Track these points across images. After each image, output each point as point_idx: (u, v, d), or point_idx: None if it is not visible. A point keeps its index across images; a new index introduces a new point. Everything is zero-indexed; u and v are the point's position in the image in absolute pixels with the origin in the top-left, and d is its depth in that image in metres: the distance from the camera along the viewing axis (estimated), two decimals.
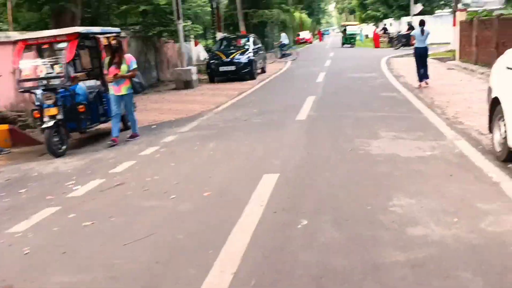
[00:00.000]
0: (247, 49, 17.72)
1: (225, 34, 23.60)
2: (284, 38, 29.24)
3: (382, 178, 4.82)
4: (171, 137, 7.81)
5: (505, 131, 4.97)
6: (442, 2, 37.30)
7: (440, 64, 18.54)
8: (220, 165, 5.84)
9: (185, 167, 5.91)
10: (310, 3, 73.88)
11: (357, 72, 16.61)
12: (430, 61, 19.48)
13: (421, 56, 12.35)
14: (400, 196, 4.25)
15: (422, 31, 12.33)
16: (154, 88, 16.75)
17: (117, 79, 7.62)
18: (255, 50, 18.22)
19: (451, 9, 37.40)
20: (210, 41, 28.33)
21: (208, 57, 17.98)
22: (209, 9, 22.47)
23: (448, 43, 28.21)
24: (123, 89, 7.75)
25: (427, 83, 12.18)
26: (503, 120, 5.10)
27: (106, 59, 7.93)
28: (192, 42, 22.43)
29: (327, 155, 5.86)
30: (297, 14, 61.20)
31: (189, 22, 19.02)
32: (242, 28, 28.71)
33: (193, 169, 5.79)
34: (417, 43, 12.51)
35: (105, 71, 8.03)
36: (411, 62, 14.86)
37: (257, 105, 10.68)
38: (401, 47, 29.31)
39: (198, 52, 24.04)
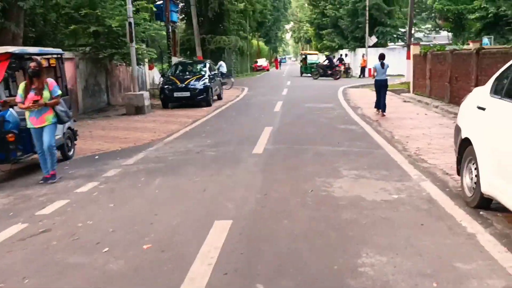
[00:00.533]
0: (203, 75, 17.18)
1: (180, 59, 23.05)
2: (222, 67, 28.63)
3: (347, 228, 4.29)
4: (114, 171, 7.03)
5: (477, 175, 4.61)
6: (395, 36, 38.46)
7: (396, 96, 18.68)
8: (166, 207, 5.14)
9: (125, 209, 5.17)
10: (267, 31, 74.95)
11: (314, 102, 16.39)
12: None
13: (381, 87, 12.89)
14: (370, 251, 3.71)
15: (382, 64, 12.87)
16: (103, 112, 15.83)
17: (39, 107, 6.48)
18: (212, 76, 17.73)
19: (403, 43, 38.70)
20: (166, 65, 27.67)
21: (161, 82, 17.29)
22: (164, 33, 21.84)
23: (402, 75, 28.91)
24: (46, 119, 6.59)
25: (384, 115, 12.57)
26: (474, 163, 4.74)
27: (22, 85, 6.71)
28: (147, 66, 21.69)
29: (286, 197, 5.29)
30: (254, 41, 61.75)
31: (144, 45, 18.33)
32: (199, 53, 28.26)
33: (134, 212, 5.05)
34: (377, 76, 13.05)
35: (17, 99, 6.69)
36: (367, 93, 14.93)
37: (211, 135, 10.07)
38: (320, 77, 31.95)
39: (153, 76, 23.31)
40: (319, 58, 39.64)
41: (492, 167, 4.34)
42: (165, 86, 16.66)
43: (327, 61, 33.36)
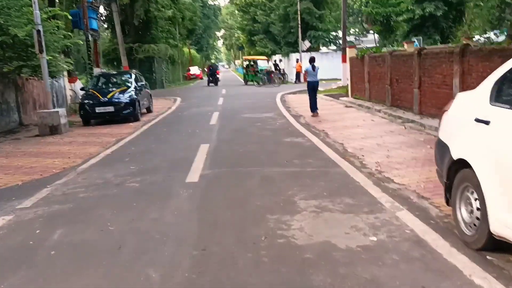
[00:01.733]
0: (129, 87, 15.44)
1: (103, 70, 21.02)
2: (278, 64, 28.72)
3: None
4: (2, 220, 5.31)
5: (481, 209, 3.51)
6: (327, 40, 38.39)
7: (335, 101, 17.96)
8: (62, 283, 3.59)
9: None
10: (198, 38, 73.47)
11: (253, 112, 15.18)
12: (324, 98, 19.00)
13: (313, 88, 13.69)
14: None
15: (313, 67, 13.67)
16: (12, 134, 13.64)
17: None
18: (139, 87, 16.00)
19: (336, 46, 38.78)
20: (89, 77, 25.37)
21: (81, 97, 15.32)
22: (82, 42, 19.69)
23: (338, 79, 28.54)
24: None
25: (317, 114, 13.53)
26: (474, 193, 3.64)
27: None
28: (65, 79, 19.48)
29: (232, 253, 3.89)
30: (186, 49, 59.97)
31: (60, 56, 16.25)
32: (125, 64, 26.22)
33: None
34: (309, 77, 13.91)
35: None
36: (306, 99, 13.99)
37: (137, 159, 8.48)
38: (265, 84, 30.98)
39: (77, 90, 20.85)
40: (270, 64, 35.64)
41: (504, 200, 3.25)
42: (85, 101, 14.73)
43: (272, 67, 32.52)
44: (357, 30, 50.57)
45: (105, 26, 38.11)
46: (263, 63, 34.85)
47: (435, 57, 11.95)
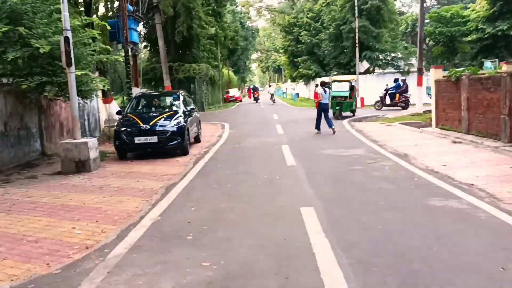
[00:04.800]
0: (176, 112, 12.28)
1: (143, 90, 18.09)
2: None
3: None
4: None
5: None
6: (385, 61, 34.77)
7: (425, 134, 14.31)
8: None
9: None
10: (236, 60, 71.04)
11: (334, 147, 11.72)
12: (406, 128, 15.51)
13: (324, 110, 14.85)
14: None
15: (325, 90, 14.94)
16: (30, 169, 10.67)
17: None
18: (188, 112, 12.80)
19: (393, 68, 35.07)
20: (126, 98, 22.44)
21: (116, 123, 12.22)
22: (121, 58, 16.78)
23: (412, 105, 24.69)
24: None
25: (334, 131, 14.53)
26: None
27: None
28: (99, 99, 16.60)
29: None
30: (224, 70, 57.46)
31: (93, 74, 13.28)
32: (167, 83, 23.24)
33: None
34: (323, 100, 14.90)
35: None
36: (388, 130, 10.60)
37: (205, 239, 5.05)
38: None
39: (112, 112, 17.71)
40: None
41: None
42: (122, 129, 11.57)
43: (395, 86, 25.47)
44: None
45: (143, 45, 35.74)
46: (342, 87, 21.41)
47: None
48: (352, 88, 21.48)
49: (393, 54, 34.35)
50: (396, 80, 25.94)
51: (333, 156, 10.35)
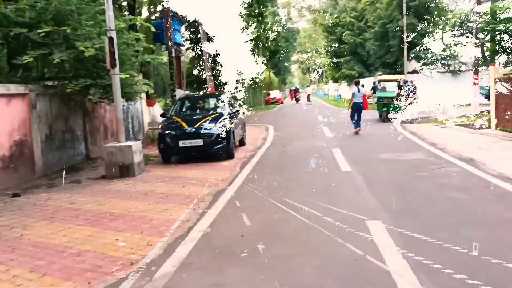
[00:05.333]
0: (221, 114, 11.81)
1: (187, 92, 17.81)
2: None
3: None
4: None
5: None
6: (433, 59, 33.22)
7: (486, 137, 13.20)
8: None
9: None
10: (276, 62, 70.39)
11: (389, 150, 10.92)
12: (464, 130, 14.48)
13: (358, 109, 15.14)
14: None
15: (358, 89, 15.34)
16: (75, 172, 10.48)
17: None
18: (233, 114, 12.32)
19: (443, 67, 33.48)
20: (169, 100, 22.25)
21: (161, 126, 11.88)
22: (165, 60, 16.48)
23: (468, 105, 23.33)
24: None
25: (359, 131, 14.80)
26: None
27: None
28: (142, 102, 16.42)
29: None
30: (266, 72, 56.93)
31: (139, 76, 13.06)
32: (211, 84, 22.97)
33: None
34: (355, 99, 15.20)
35: None
36: (443, 132, 9.61)
37: (263, 260, 4.47)
38: None
39: (156, 115, 17.52)
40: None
41: None
42: (166, 132, 11.22)
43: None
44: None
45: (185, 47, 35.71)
46: (391, 87, 20.45)
47: None
48: (400, 88, 20.30)
49: (443, 53, 32.77)
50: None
51: (390, 161, 9.57)
